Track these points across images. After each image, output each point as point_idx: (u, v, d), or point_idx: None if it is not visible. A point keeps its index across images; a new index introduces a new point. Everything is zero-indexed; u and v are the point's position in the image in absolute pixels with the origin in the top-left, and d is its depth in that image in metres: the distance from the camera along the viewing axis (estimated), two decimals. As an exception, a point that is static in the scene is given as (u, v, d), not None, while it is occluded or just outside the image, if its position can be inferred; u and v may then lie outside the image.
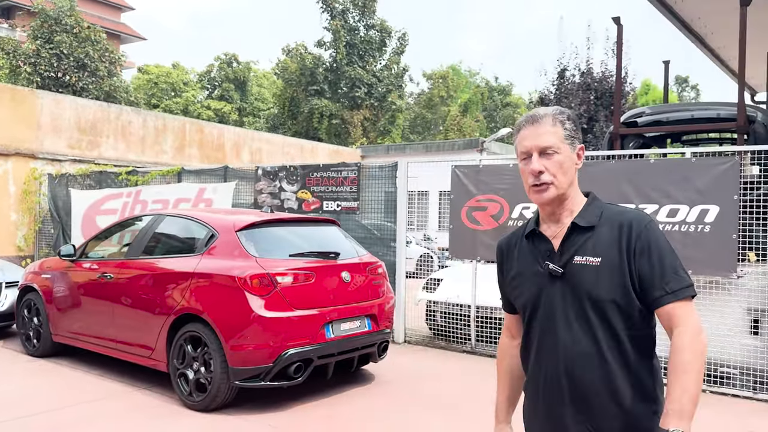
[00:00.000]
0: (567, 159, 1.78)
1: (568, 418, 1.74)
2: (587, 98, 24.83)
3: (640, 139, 7.67)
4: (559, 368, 1.75)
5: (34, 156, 12.40)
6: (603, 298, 1.69)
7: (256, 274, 4.93)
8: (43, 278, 6.72)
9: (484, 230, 7.01)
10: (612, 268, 1.70)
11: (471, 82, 42.00)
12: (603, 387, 1.69)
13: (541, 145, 1.77)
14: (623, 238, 1.71)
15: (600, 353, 1.69)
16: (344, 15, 28.29)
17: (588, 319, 1.71)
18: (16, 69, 20.52)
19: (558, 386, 1.75)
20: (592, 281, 1.71)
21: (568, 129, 1.80)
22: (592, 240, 1.75)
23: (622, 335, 1.69)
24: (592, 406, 1.71)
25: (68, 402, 5.19)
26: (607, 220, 1.77)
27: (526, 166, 1.80)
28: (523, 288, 1.87)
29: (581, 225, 1.77)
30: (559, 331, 1.75)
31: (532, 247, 1.87)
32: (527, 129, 1.82)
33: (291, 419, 4.87)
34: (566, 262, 1.76)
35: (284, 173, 9.02)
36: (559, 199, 1.80)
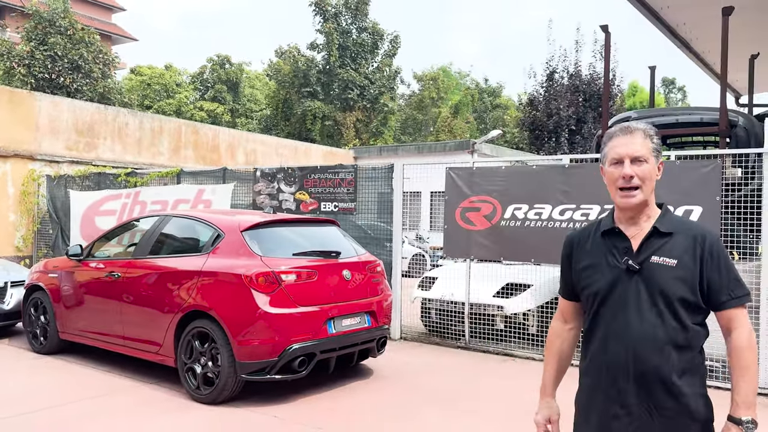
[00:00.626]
0: (652, 169, 2.04)
1: (631, 395, 1.98)
2: (576, 100, 25.19)
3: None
4: (628, 350, 1.98)
5: (33, 157, 12.54)
6: (675, 294, 1.96)
7: (261, 272, 5.16)
8: (50, 277, 6.90)
9: (478, 230, 7.26)
10: (685, 270, 1.97)
11: (461, 84, 42.32)
12: (664, 370, 1.95)
13: (634, 154, 2.02)
14: (698, 248, 1.99)
15: (665, 340, 1.95)
16: (337, 18, 28.51)
17: (659, 311, 1.97)
18: (11, 70, 20.55)
19: (625, 366, 1.99)
20: (666, 279, 1.97)
21: (655, 144, 2.07)
22: (669, 244, 2.01)
23: (685, 328, 1.97)
24: (652, 385, 1.95)
25: (77, 397, 5.39)
26: (682, 229, 2.04)
27: (617, 170, 2.04)
28: (595, 278, 2.09)
29: (661, 230, 2.04)
30: (631, 319, 1.99)
31: (608, 243, 2.10)
32: (621, 138, 2.07)
33: (295, 411, 5.10)
34: (644, 260, 2.02)
35: (282, 175, 9.23)
36: (642, 204, 2.05)
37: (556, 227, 6.74)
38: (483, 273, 7.44)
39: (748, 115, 7.39)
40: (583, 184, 6.60)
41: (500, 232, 7.08)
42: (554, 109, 25.08)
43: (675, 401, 1.95)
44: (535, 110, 25.69)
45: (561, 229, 6.70)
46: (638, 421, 1.97)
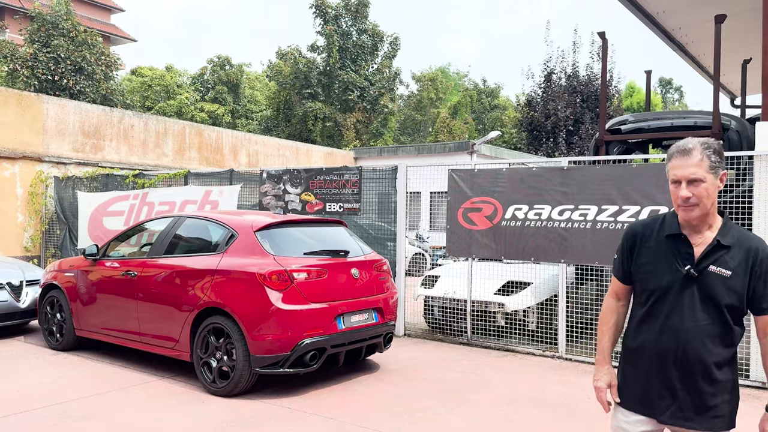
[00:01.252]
0: (711, 185, 2.26)
1: (677, 380, 2.32)
2: (573, 101, 25.47)
3: (624, 144, 8.22)
4: (679, 344, 2.30)
5: (40, 159, 12.77)
6: (724, 301, 2.26)
7: (274, 270, 5.40)
8: (66, 276, 7.14)
9: (480, 230, 7.51)
10: (736, 281, 2.26)
11: (459, 84, 42.58)
12: (707, 362, 2.27)
13: (690, 176, 2.25)
14: (750, 260, 2.27)
15: (711, 337, 2.27)
16: (337, 20, 28.76)
17: (710, 313, 2.27)
18: (14, 72, 20.78)
19: (674, 357, 2.31)
20: (719, 287, 2.26)
21: (713, 161, 2.26)
22: (727, 256, 2.28)
23: (730, 328, 2.28)
24: (696, 375, 2.28)
25: (98, 390, 5.63)
26: (740, 241, 2.30)
27: (676, 191, 2.29)
28: (655, 276, 2.36)
29: (723, 243, 2.29)
30: (685, 317, 2.29)
31: (672, 247, 2.35)
32: (678, 159, 2.29)
33: (307, 402, 5.35)
34: (703, 268, 2.29)
35: (288, 176, 9.47)
36: (702, 217, 2.29)
37: (555, 227, 6.99)
38: (484, 271, 7.69)
39: (740, 119, 7.65)
40: (581, 185, 6.84)
41: (501, 232, 7.33)
42: (552, 110, 25.35)
43: (712, 388, 2.28)
44: (533, 111, 25.95)
45: (560, 229, 6.95)
46: (679, 402, 2.31)
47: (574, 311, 7.17)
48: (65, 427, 4.69)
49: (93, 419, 4.87)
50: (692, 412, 2.31)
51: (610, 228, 6.63)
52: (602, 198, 6.68)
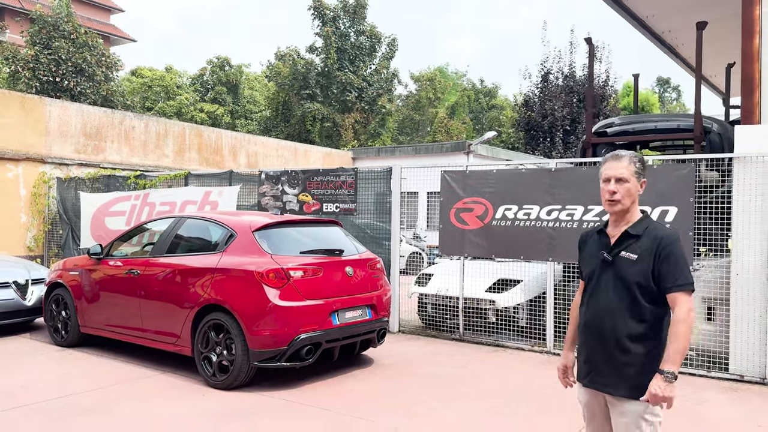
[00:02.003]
0: (633, 187, 2.72)
1: (597, 349, 2.76)
2: (570, 101, 25.68)
3: (612, 146, 8.46)
4: (596, 317, 2.76)
5: (43, 160, 13.00)
6: (632, 280, 2.66)
7: (272, 268, 5.64)
8: (71, 275, 7.38)
9: (471, 229, 7.75)
10: (642, 263, 2.65)
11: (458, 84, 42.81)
12: (619, 332, 2.68)
13: (618, 175, 2.72)
14: (655, 246, 2.64)
15: (622, 312, 2.68)
16: (335, 21, 28.99)
17: (621, 291, 2.69)
18: (16, 74, 21.01)
19: (593, 327, 2.77)
20: (627, 268, 2.68)
21: (638, 167, 2.74)
22: (636, 244, 2.69)
23: (640, 304, 2.66)
24: (609, 343, 2.71)
25: (102, 384, 5.87)
26: (649, 232, 2.70)
27: (606, 186, 2.75)
28: (588, 264, 2.89)
29: (631, 233, 2.73)
30: (602, 295, 2.75)
31: (598, 240, 2.86)
32: (611, 162, 2.77)
33: (303, 394, 5.59)
34: (616, 254, 2.73)
35: (286, 177, 9.71)
36: (622, 212, 2.74)
37: (544, 227, 7.23)
38: (476, 270, 7.94)
39: (722, 121, 7.89)
40: (568, 186, 7.08)
41: (492, 231, 7.57)
42: (549, 110, 25.57)
43: (625, 357, 2.67)
44: (530, 111, 26.16)
45: (548, 228, 7.20)
46: (597, 368, 2.76)
47: (562, 308, 7.41)
48: (70, 419, 4.92)
49: (97, 412, 5.10)
50: (606, 377, 2.72)
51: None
52: (588, 198, 6.92)
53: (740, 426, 5.00)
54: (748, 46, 6.41)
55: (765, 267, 6.04)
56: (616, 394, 2.69)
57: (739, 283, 6.21)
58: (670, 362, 2.56)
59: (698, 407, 5.41)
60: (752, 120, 6.36)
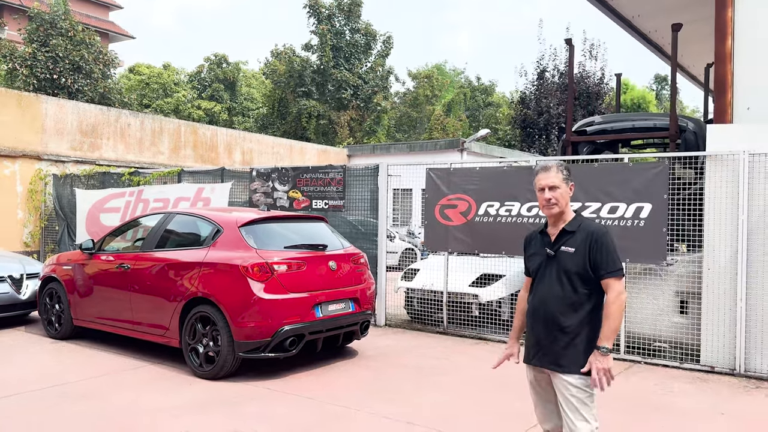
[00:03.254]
0: (564, 191, 3.13)
1: (542, 332, 3.13)
2: (565, 98, 25.85)
3: (593, 144, 8.66)
4: (541, 304, 3.13)
5: (39, 157, 13.19)
6: (570, 270, 3.05)
7: (256, 263, 5.84)
8: (64, 269, 7.58)
9: (455, 225, 7.95)
10: (578, 254, 3.04)
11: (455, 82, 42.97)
12: (559, 318, 3.06)
13: (550, 184, 3.12)
14: (588, 239, 3.04)
15: (563, 299, 3.06)
16: (330, 19, 29.16)
17: (561, 281, 3.08)
18: (13, 72, 21.16)
19: (540, 313, 3.14)
20: (567, 260, 3.07)
21: (565, 174, 3.15)
22: (573, 239, 3.08)
23: (578, 291, 3.05)
24: (552, 326, 3.08)
25: (94, 374, 6.08)
26: (583, 228, 3.09)
27: (542, 195, 3.15)
28: (534, 260, 3.26)
29: (568, 230, 3.13)
30: (545, 284, 3.14)
31: (540, 239, 3.25)
32: (542, 174, 3.18)
33: (287, 384, 5.80)
34: (557, 249, 3.12)
35: (276, 174, 9.90)
36: (559, 214, 3.14)
37: (525, 222, 7.43)
38: (460, 265, 8.14)
39: (698, 120, 8.07)
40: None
41: (475, 227, 7.77)
42: (544, 107, 25.74)
43: (565, 338, 3.06)
44: (526, 108, 26.32)
45: (529, 224, 7.39)
46: (543, 349, 3.13)
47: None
48: (64, 407, 5.13)
49: (89, 399, 5.31)
50: (549, 356, 3.10)
51: (575, 223, 7.05)
52: (567, 195, 7.10)
53: (705, 414, 5.20)
54: (721, 47, 6.59)
55: (734, 262, 6.24)
56: (558, 370, 3.07)
57: (710, 277, 6.41)
58: (604, 339, 2.97)
59: (666, 397, 5.62)
60: (724, 119, 6.55)
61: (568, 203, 3.16)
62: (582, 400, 3.03)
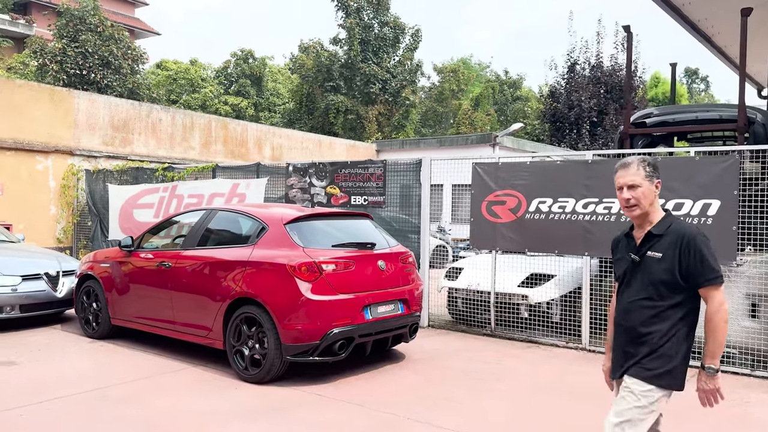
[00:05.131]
0: (647, 190, 2.82)
1: (625, 343, 2.90)
2: (597, 92, 25.26)
3: (649, 138, 8.22)
4: (626, 312, 2.90)
5: (72, 153, 13.11)
6: (657, 278, 2.78)
7: (304, 262, 5.56)
8: (102, 267, 7.39)
9: (503, 222, 7.60)
10: (667, 260, 2.76)
11: (481, 76, 42.40)
12: (643, 327, 2.81)
13: (629, 183, 2.85)
14: (678, 243, 2.74)
15: (648, 308, 2.80)
16: (359, 12, 28.81)
17: (646, 288, 2.82)
18: (44, 67, 21.22)
19: (623, 324, 2.92)
20: (653, 267, 2.80)
21: (648, 171, 2.83)
22: (660, 242, 2.80)
23: (665, 299, 2.77)
24: (635, 337, 2.84)
25: (134, 377, 5.86)
26: (673, 230, 2.79)
27: (620, 194, 2.89)
28: (620, 265, 3.01)
29: (654, 233, 2.84)
30: (632, 293, 2.88)
31: (626, 243, 3.00)
32: (621, 171, 2.90)
33: (336, 389, 5.51)
34: (643, 254, 2.85)
35: (314, 169, 9.63)
36: (642, 215, 2.86)
37: (580, 220, 7.05)
38: (508, 264, 7.78)
39: (766, 112, 7.60)
40: (606, 179, 6.88)
41: (525, 225, 7.41)
42: (575, 101, 25.18)
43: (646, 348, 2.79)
44: (556, 102, 25.81)
45: (584, 222, 7.01)
46: (621, 357, 2.91)
47: (597, 303, 7.24)
48: (104, 410, 4.91)
49: (130, 403, 5.09)
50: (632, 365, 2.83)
51: (634, 221, 6.67)
52: (626, 191, 6.71)
53: (790, 428, 4.81)
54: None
55: (814, 263, 5.80)
56: (629, 373, 2.84)
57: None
58: (710, 357, 2.71)
59: (743, 407, 5.22)
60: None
61: (653, 203, 2.86)
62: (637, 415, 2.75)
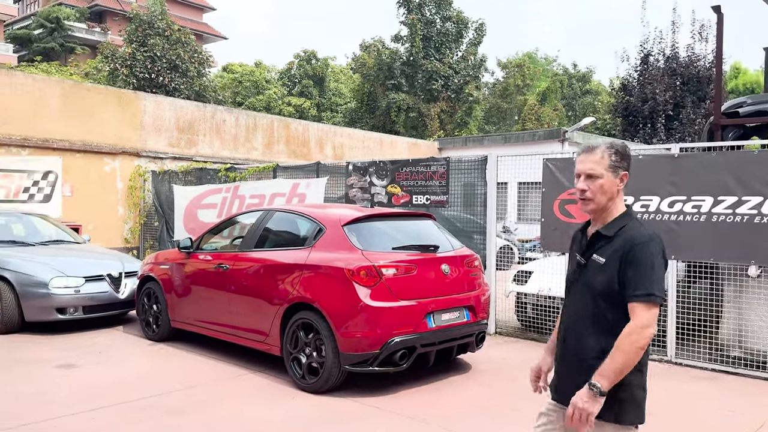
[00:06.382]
0: (607, 183, 2.37)
1: (564, 362, 2.52)
2: (673, 84, 23.96)
3: (740, 129, 7.47)
4: (567, 328, 2.50)
5: (138, 154, 13.33)
6: (596, 288, 2.38)
7: (363, 266, 5.24)
8: (162, 269, 7.32)
9: (578, 223, 7.04)
10: (607, 268, 2.34)
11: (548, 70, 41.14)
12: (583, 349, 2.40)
13: (588, 171, 2.39)
14: (624, 249, 2.31)
15: (586, 326, 2.40)
16: (421, 8, 28.39)
17: (586, 300, 2.41)
18: (114, 72, 21.93)
19: (563, 340, 2.53)
20: (594, 274, 2.39)
21: (614, 160, 2.38)
22: (607, 246, 2.37)
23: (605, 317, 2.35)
24: (573, 360, 2.44)
25: (192, 383, 5.70)
26: (624, 233, 2.35)
27: (576, 183, 2.44)
28: (569, 265, 2.60)
29: (602, 233, 2.41)
30: (572, 304, 2.50)
31: (580, 239, 2.56)
32: (583, 156, 2.44)
33: (397, 402, 5.16)
34: (589, 256, 2.43)
35: (374, 168, 9.33)
36: (598, 211, 2.41)
37: (665, 220, 6.42)
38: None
39: None
40: (695, 175, 6.25)
41: (602, 225, 6.82)
42: (649, 94, 23.99)
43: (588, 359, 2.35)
44: (628, 95, 24.67)
45: (670, 222, 6.39)
46: (567, 369, 2.49)
47: (684, 311, 6.59)
48: (159, 419, 4.75)
49: (185, 413, 4.91)
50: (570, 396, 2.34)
51: (728, 221, 6.00)
52: (718, 188, 6.06)
53: None
54: None
55: None
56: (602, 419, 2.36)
57: None
58: (602, 376, 2.25)
59: None
60: None
61: (614, 198, 2.40)
62: None
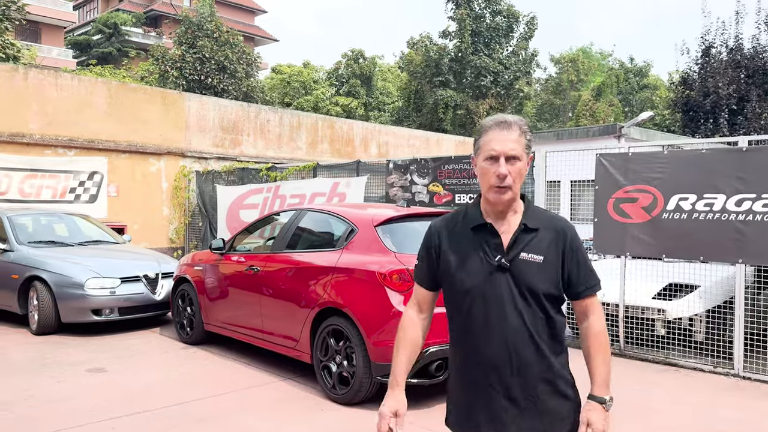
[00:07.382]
0: (524, 167, 2.03)
1: (516, 388, 2.00)
2: (737, 77, 22.64)
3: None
4: (508, 345, 1.99)
5: (183, 154, 13.36)
6: (541, 289, 1.99)
7: (395, 269, 4.88)
8: (195, 270, 7.15)
9: (635, 223, 6.48)
10: (549, 266, 2.01)
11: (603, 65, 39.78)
12: (537, 359, 2.00)
13: (510, 152, 1.99)
14: (560, 242, 2.03)
15: (536, 333, 1.99)
16: (470, 3, 27.78)
17: (528, 308, 1.99)
18: (165, 73, 22.27)
19: (507, 359, 1.99)
20: (533, 275, 1.99)
21: (528, 140, 2.05)
22: (536, 240, 2.02)
23: (551, 318, 2.02)
24: (529, 374, 1.99)
25: (221, 390, 5.46)
26: (546, 224, 2.06)
27: (492, 167, 1.99)
28: (467, 274, 2.05)
29: (529, 226, 2.03)
30: (507, 314, 1.99)
31: (480, 238, 2.06)
32: (497, 133, 2.01)
33: (433, 418, 4.76)
34: (514, 257, 2.01)
35: (415, 166, 8.95)
36: (511, 201, 2.04)
37: (731, 220, 5.81)
38: (640, 271, 6.65)
39: None
40: (766, 170, 5.63)
41: (662, 226, 6.25)
42: (711, 88, 22.75)
43: (555, 396, 2.02)
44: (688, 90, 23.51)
45: (737, 222, 5.77)
46: (525, 411, 2.01)
47: (752, 320, 5.96)
48: (183, 429, 4.53)
49: (211, 422, 4.67)
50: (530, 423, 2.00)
51: (807, 221, 5.36)
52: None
53: None
54: None
55: None
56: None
57: None
58: (604, 386, 2.02)
59: None
60: None
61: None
62: None
